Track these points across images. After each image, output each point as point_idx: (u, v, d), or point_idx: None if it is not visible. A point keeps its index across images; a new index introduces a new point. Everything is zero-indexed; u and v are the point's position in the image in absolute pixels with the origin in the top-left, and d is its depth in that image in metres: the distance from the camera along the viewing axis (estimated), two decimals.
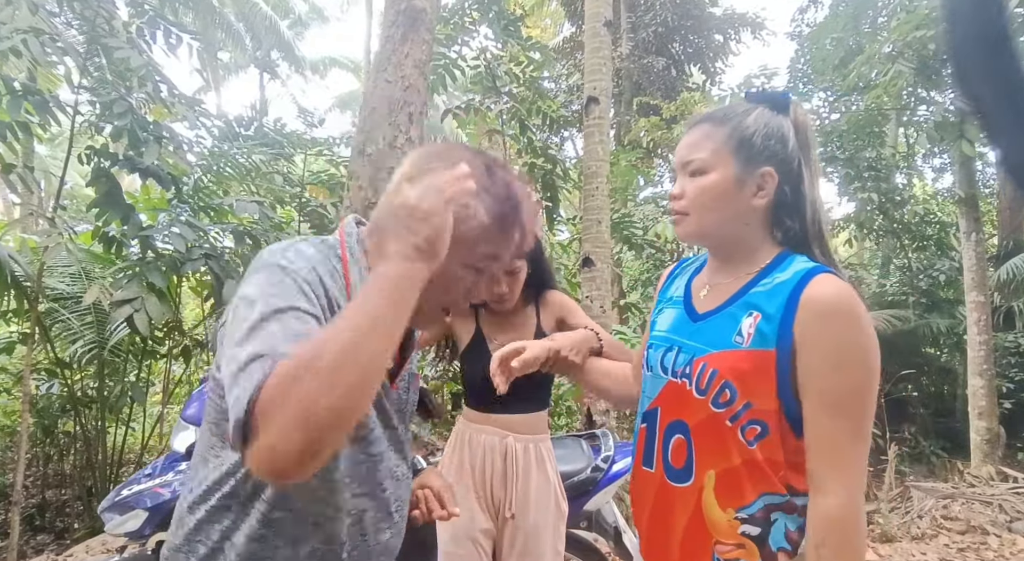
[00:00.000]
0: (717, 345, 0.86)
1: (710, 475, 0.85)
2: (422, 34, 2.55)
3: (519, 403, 1.51)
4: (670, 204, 0.94)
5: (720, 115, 0.90)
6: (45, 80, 4.50)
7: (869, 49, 5.66)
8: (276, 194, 4.29)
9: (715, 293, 0.92)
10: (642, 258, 6.74)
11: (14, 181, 2.89)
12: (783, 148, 0.87)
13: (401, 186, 0.76)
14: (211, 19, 11.71)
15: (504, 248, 0.81)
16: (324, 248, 0.78)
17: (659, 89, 9.24)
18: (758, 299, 0.85)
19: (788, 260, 0.87)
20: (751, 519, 0.82)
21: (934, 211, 7.94)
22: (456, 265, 0.77)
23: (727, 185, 0.87)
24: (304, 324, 0.65)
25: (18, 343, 3.59)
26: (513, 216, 0.79)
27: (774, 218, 0.89)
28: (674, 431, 0.90)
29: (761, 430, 0.81)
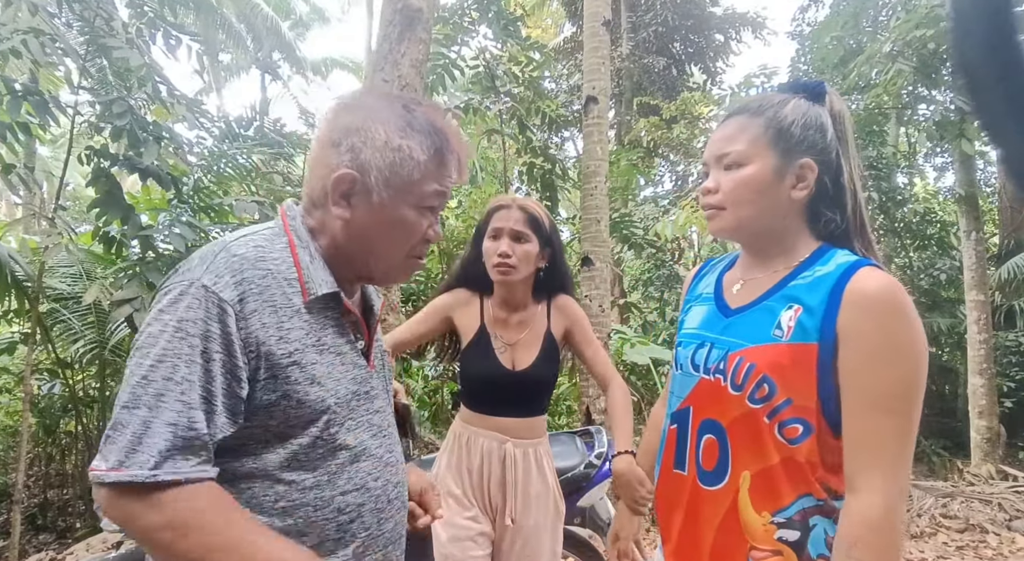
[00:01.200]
0: (754, 339, 0.82)
1: (745, 476, 0.81)
2: (419, 34, 2.56)
3: (519, 406, 1.47)
4: (702, 199, 0.91)
5: (755, 106, 0.87)
6: (47, 81, 4.53)
7: (869, 48, 5.65)
8: (276, 194, 4.30)
9: (749, 288, 0.89)
10: (642, 258, 6.74)
11: (15, 182, 2.90)
12: (822, 138, 0.84)
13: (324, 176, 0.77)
14: (212, 20, 11.73)
15: (446, 179, 0.81)
16: (261, 239, 0.76)
17: (659, 89, 9.23)
18: (798, 292, 0.81)
19: (829, 253, 0.83)
20: (788, 523, 0.78)
21: (935, 210, 7.92)
22: (407, 210, 0.79)
23: (766, 177, 0.83)
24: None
25: (19, 343, 3.60)
26: (444, 146, 0.79)
27: (813, 211, 0.85)
28: (706, 431, 0.86)
29: (804, 429, 0.77)
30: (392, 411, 0.93)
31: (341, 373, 0.78)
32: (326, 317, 0.78)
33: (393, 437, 0.89)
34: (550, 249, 1.49)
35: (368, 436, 0.82)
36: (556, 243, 1.51)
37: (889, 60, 5.13)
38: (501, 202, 1.49)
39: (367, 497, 0.80)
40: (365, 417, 0.82)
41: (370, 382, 0.84)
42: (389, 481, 0.84)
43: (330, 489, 0.76)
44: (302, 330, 0.74)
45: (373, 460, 0.82)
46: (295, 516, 0.73)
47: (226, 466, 0.70)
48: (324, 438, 0.75)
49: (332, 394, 0.76)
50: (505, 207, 1.46)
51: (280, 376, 0.71)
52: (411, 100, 0.81)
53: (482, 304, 1.54)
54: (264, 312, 0.71)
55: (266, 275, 0.73)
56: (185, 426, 0.64)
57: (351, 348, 0.82)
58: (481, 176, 9.08)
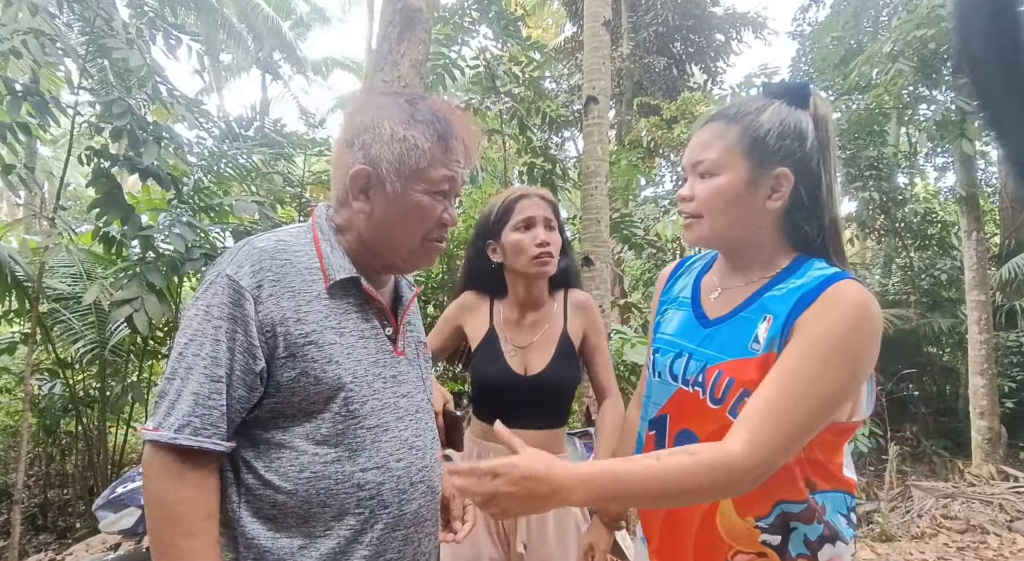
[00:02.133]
0: (732, 352, 0.81)
1: None
2: (419, 34, 2.56)
3: (533, 416, 1.34)
4: (679, 206, 0.90)
5: (732, 112, 0.85)
6: (48, 81, 4.53)
7: (870, 48, 5.64)
8: (276, 194, 4.30)
9: (727, 297, 0.88)
10: (642, 258, 6.74)
11: (15, 182, 2.90)
12: (800, 146, 0.81)
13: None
14: (213, 20, 11.74)
15: (453, 163, 0.85)
16: (286, 234, 0.86)
17: (660, 89, 9.23)
18: (772, 303, 0.81)
19: (806, 265, 0.82)
20: (771, 528, 0.80)
21: (936, 210, 7.91)
22: (420, 195, 0.83)
23: (738, 188, 0.81)
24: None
25: (20, 343, 3.61)
26: (448, 132, 0.83)
27: (790, 220, 0.84)
28: (683, 441, 0.86)
29: None
30: (427, 401, 0.95)
31: (362, 354, 0.84)
32: (348, 303, 0.85)
33: (424, 423, 0.91)
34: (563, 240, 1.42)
35: (393, 418, 0.86)
36: (566, 235, 1.45)
37: (890, 60, 5.12)
38: (522, 192, 1.39)
39: (387, 476, 0.83)
40: (391, 400, 0.86)
41: (397, 367, 0.89)
42: (413, 464, 0.86)
43: (350, 464, 0.81)
44: (321, 313, 0.81)
45: (396, 441, 0.85)
46: (317, 487, 0.79)
47: (258, 436, 0.80)
48: (343, 414, 0.81)
49: (349, 373, 0.81)
50: (527, 196, 1.37)
51: (298, 354, 0.79)
52: (416, 95, 0.86)
53: (492, 306, 1.44)
54: (282, 297, 0.79)
55: (284, 264, 0.81)
56: (206, 396, 0.75)
57: (376, 333, 0.87)
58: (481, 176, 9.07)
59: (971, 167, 5.96)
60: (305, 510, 0.79)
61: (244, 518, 0.79)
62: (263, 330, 0.78)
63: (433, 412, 0.98)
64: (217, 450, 0.75)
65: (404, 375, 0.89)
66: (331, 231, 0.87)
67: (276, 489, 0.78)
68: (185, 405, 0.74)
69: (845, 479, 0.83)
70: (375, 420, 0.83)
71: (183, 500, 0.73)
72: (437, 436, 0.96)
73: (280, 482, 0.78)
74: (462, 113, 0.89)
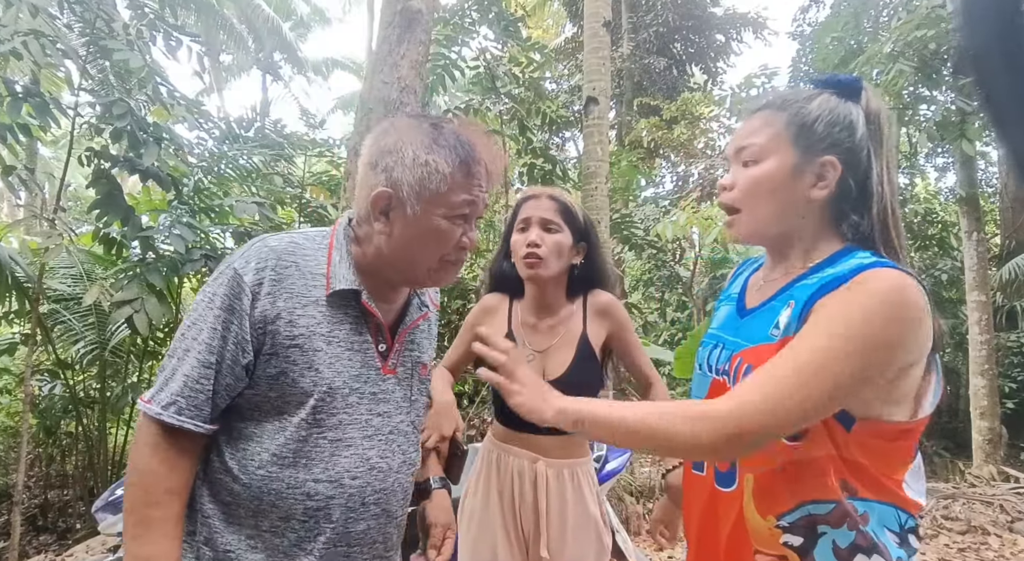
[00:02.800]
0: (754, 339, 0.80)
1: (748, 479, 0.79)
2: (419, 35, 2.56)
3: None
4: (718, 196, 0.88)
5: (780, 100, 0.83)
6: (48, 82, 4.53)
7: (870, 48, 5.65)
8: (276, 195, 4.30)
9: (766, 289, 0.87)
10: (642, 258, 6.73)
11: (15, 183, 2.91)
12: (849, 137, 0.79)
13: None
14: (213, 21, 11.75)
15: (475, 188, 0.85)
16: (303, 238, 0.88)
17: (660, 89, 9.24)
18: (799, 290, 0.78)
19: (849, 255, 0.78)
20: (792, 528, 0.76)
21: (936, 210, 7.91)
22: (439, 220, 0.84)
23: (783, 174, 0.80)
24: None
25: (20, 344, 3.61)
26: (470, 156, 0.84)
27: (836, 211, 0.81)
28: None
29: None
30: (409, 424, 0.94)
31: (344, 366, 0.84)
32: (345, 314, 0.86)
33: (396, 446, 0.90)
34: (586, 244, 1.36)
35: (360, 435, 0.86)
36: (593, 237, 1.37)
37: (890, 60, 5.12)
38: (530, 192, 1.38)
39: (339, 491, 0.83)
40: (364, 417, 0.86)
41: (381, 385, 0.89)
42: (370, 484, 0.86)
43: (304, 473, 0.82)
44: (314, 319, 0.83)
45: (357, 459, 0.85)
46: (269, 487, 0.81)
47: (234, 424, 0.83)
48: (308, 422, 0.82)
49: (325, 382, 0.82)
50: (535, 197, 1.35)
51: (281, 354, 0.81)
52: (441, 119, 0.88)
53: (511, 308, 1.41)
54: (280, 296, 0.82)
55: (290, 266, 0.84)
56: (195, 379, 0.79)
57: (366, 348, 0.87)
58: None
59: (971, 167, 5.96)
60: (255, 506, 0.81)
61: (204, 497, 0.83)
62: (255, 325, 0.80)
63: (417, 436, 0.97)
64: (197, 431, 0.79)
65: (387, 394, 0.89)
66: (347, 241, 0.89)
67: (234, 478, 0.81)
68: (176, 385, 0.79)
69: (902, 495, 0.77)
70: (339, 434, 0.84)
71: (153, 471, 0.78)
72: (412, 461, 0.94)
73: (238, 472, 0.81)
74: (487, 137, 0.90)
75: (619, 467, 1.85)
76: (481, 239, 5.21)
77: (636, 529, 3.14)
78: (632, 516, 3.20)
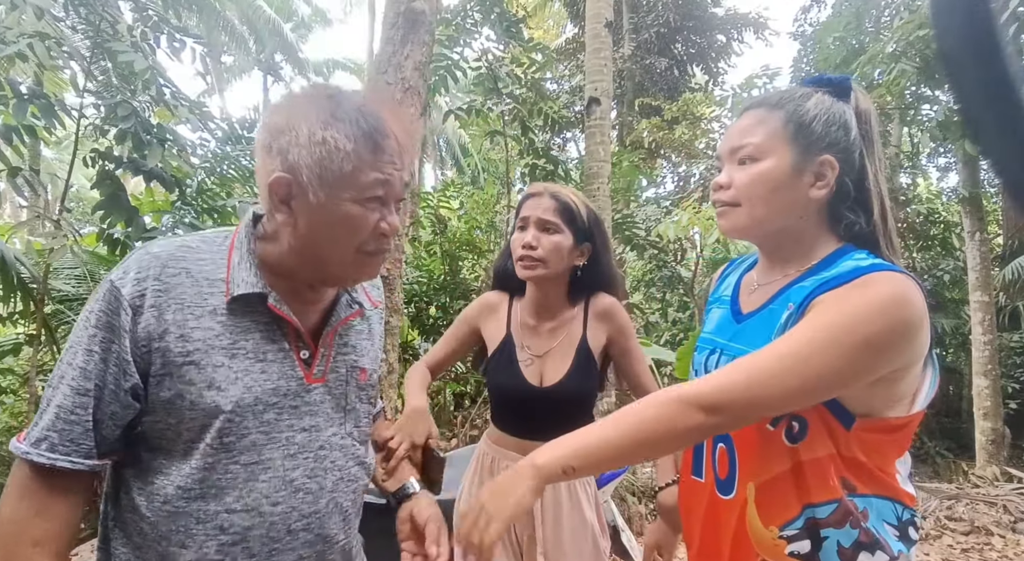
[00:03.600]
0: (757, 345, 0.77)
1: (750, 488, 0.78)
2: (422, 36, 2.57)
3: (547, 428, 1.25)
4: (713, 194, 0.86)
5: (775, 99, 0.82)
6: (52, 84, 4.54)
7: (872, 48, 5.64)
8: None
9: (762, 292, 0.86)
10: (644, 259, 6.73)
11: (20, 184, 2.92)
12: (845, 136, 0.79)
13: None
14: (215, 22, 11.79)
15: (388, 166, 0.73)
16: (198, 240, 0.79)
17: (661, 90, 9.25)
18: (797, 292, 0.77)
19: (845, 256, 0.78)
20: (797, 536, 0.74)
21: (938, 211, 7.90)
22: (349, 205, 0.72)
23: (783, 173, 0.78)
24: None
25: (24, 344, 3.62)
26: (375, 129, 0.72)
27: (834, 212, 0.81)
28: (718, 440, 0.84)
29: (799, 427, 0.73)
30: (348, 437, 0.83)
31: (254, 381, 0.73)
32: (253, 321, 0.75)
33: (331, 463, 0.80)
34: (590, 245, 1.29)
35: (281, 455, 0.75)
36: (598, 238, 1.30)
37: (892, 60, 5.13)
38: (532, 190, 1.31)
39: (258, 521, 0.73)
40: (284, 434, 0.76)
41: (306, 396, 0.78)
42: (296, 509, 0.75)
43: (216, 504, 0.71)
44: (212, 331, 0.72)
45: (277, 482, 0.74)
46: (177, 523, 0.71)
47: (140, 455, 0.74)
48: (215, 447, 0.71)
49: (231, 400, 0.72)
50: (536, 195, 1.28)
51: (175, 374, 0.70)
52: (339, 89, 0.75)
53: (510, 308, 1.36)
54: (167, 309, 0.71)
55: (178, 273, 0.73)
56: (69, 409, 0.68)
57: (284, 357, 0.76)
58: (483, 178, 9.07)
59: (974, 167, 5.95)
60: (163, 546, 0.71)
61: (117, 540, 0.74)
62: (139, 343, 0.70)
63: (360, 449, 0.86)
64: (75, 469, 0.68)
65: (314, 405, 0.78)
66: (249, 239, 0.77)
67: (141, 516, 0.72)
68: (47, 418, 0.68)
69: (898, 488, 0.77)
70: (254, 456, 0.73)
71: (16, 520, 0.67)
72: (353, 476, 0.83)
73: (145, 510, 0.71)
74: (394, 106, 0.79)
75: (623, 468, 1.85)
76: (482, 239, 5.22)
77: (638, 529, 3.14)
78: (634, 516, 3.20)
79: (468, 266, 5.03)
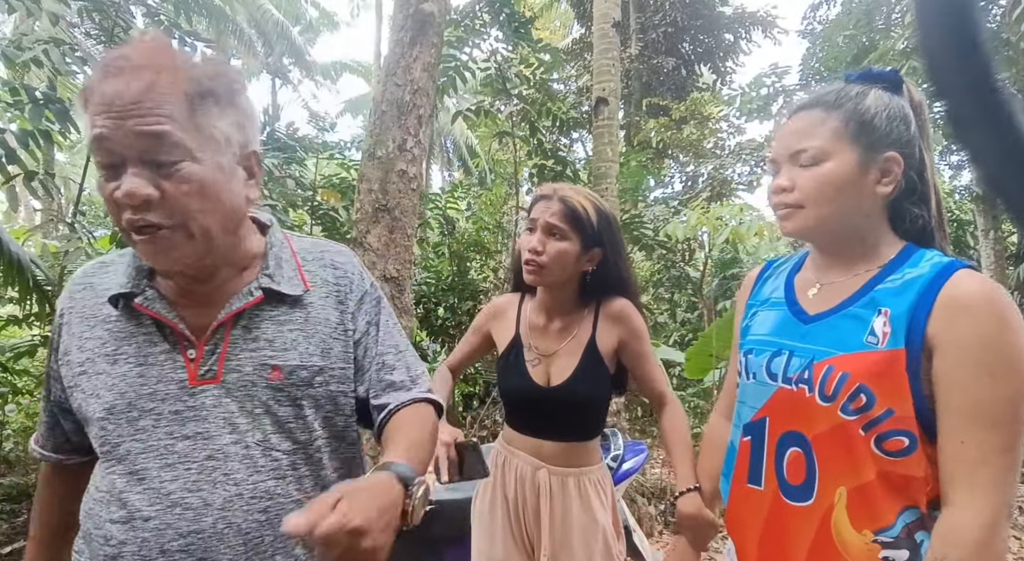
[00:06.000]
0: (844, 347, 0.77)
1: (841, 492, 0.75)
2: (431, 38, 2.57)
3: (555, 429, 1.27)
4: (773, 198, 0.84)
5: (831, 98, 0.81)
6: (65, 89, 4.60)
7: (883, 45, 5.60)
8: (288, 198, 4.34)
9: (829, 292, 0.83)
10: (652, 259, 6.71)
11: (35, 188, 2.96)
12: (907, 131, 0.79)
13: None
14: (224, 26, 11.89)
15: (99, 116, 0.60)
16: (117, 254, 0.80)
17: (669, 89, 9.22)
18: (887, 296, 0.76)
19: (918, 254, 0.78)
20: (895, 542, 0.72)
21: (951, 209, 7.82)
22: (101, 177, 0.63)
23: (849, 173, 0.78)
24: None
25: (40, 346, 3.67)
26: (96, 74, 0.61)
27: (897, 208, 0.80)
28: (788, 444, 0.80)
29: (909, 443, 0.71)
30: (249, 444, 0.71)
31: (130, 386, 0.69)
32: (138, 325, 0.71)
33: (224, 474, 0.69)
34: (600, 250, 1.26)
35: (158, 464, 0.68)
36: (610, 242, 1.26)
37: (903, 57, 5.09)
38: (542, 191, 1.29)
39: (131, 536, 0.66)
40: (163, 442, 0.68)
41: (190, 401, 0.69)
42: (171, 526, 0.66)
43: (105, 512, 0.69)
44: (101, 339, 0.71)
45: (152, 495, 0.67)
46: (85, 529, 0.73)
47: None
48: (102, 456, 0.71)
49: (104, 407, 0.69)
50: (545, 198, 1.26)
51: (74, 386, 0.73)
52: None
53: (520, 308, 1.36)
54: (73, 322, 0.75)
55: (86, 287, 0.76)
56: (43, 414, 0.83)
57: (167, 358, 0.70)
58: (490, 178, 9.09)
59: None
60: (86, 553, 0.73)
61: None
62: (58, 359, 0.76)
63: (273, 460, 0.72)
64: (48, 459, 0.85)
65: (199, 410, 0.69)
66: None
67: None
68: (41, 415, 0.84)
69: None
70: (129, 466, 0.68)
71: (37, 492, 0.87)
72: (259, 493, 0.70)
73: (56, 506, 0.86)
74: (152, 41, 0.65)
75: (635, 467, 1.85)
76: (490, 240, 5.22)
77: (648, 530, 3.12)
78: (644, 517, 3.19)
79: (476, 267, 5.04)
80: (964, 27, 0.30)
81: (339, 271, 0.82)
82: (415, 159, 2.57)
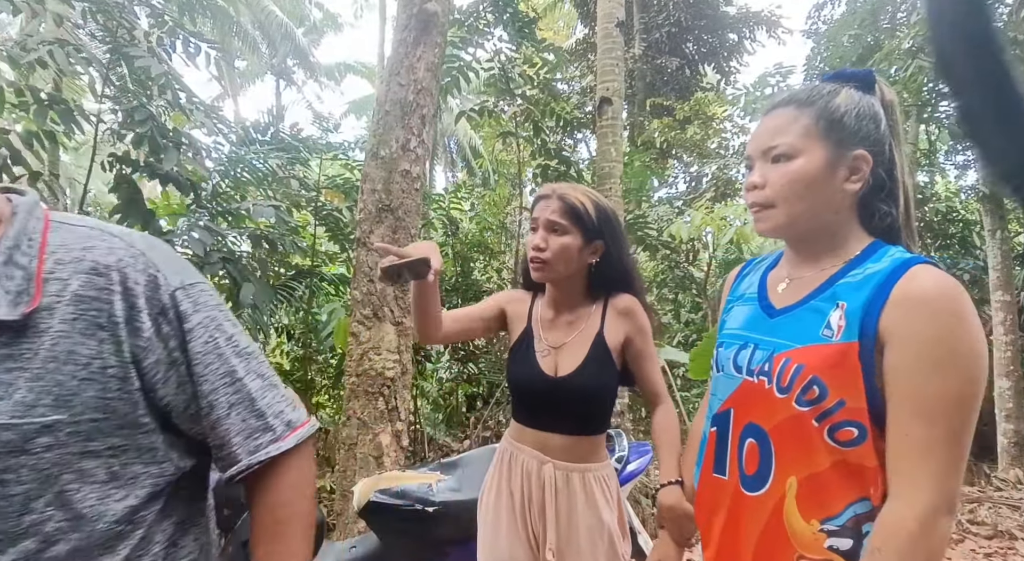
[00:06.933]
0: (801, 339, 0.79)
1: (791, 482, 0.77)
2: (434, 38, 2.57)
3: (561, 420, 1.29)
4: (746, 195, 0.86)
5: (804, 96, 0.83)
6: (71, 90, 4.63)
7: (888, 45, 5.56)
8: (292, 198, 4.35)
9: (796, 287, 0.85)
10: (656, 259, 6.69)
11: (40, 189, 2.97)
12: (876, 129, 0.81)
13: None
14: (228, 28, 11.93)
15: None
16: None
17: (673, 89, 9.19)
18: (847, 290, 0.78)
19: (883, 250, 0.80)
20: (840, 531, 0.74)
21: (957, 209, 7.76)
22: None
23: (818, 170, 0.80)
24: None
25: None
26: None
27: (867, 205, 0.82)
28: (748, 435, 0.83)
29: (859, 433, 0.73)
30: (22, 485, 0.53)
31: None
32: None
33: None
34: (602, 242, 1.30)
35: None
36: (611, 235, 1.30)
37: (909, 56, 5.05)
38: (542, 191, 1.34)
39: None
40: None
41: None
42: None
43: None
44: None
45: None
46: None
47: None
48: None
49: None
50: (545, 197, 1.31)
51: None
52: None
53: (532, 302, 1.41)
54: None
55: None
56: None
57: None
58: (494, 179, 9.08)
59: None
60: None
61: None
62: None
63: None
64: None
65: None
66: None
67: None
68: None
69: None
70: None
71: None
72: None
73: None
74: None
75: (640, 468, 1.83)
76: (494, 240, 5.21)
77: (652, 532, 3.11)
78: (648, 518, 3.18)
79: (480, 267, 5.03)
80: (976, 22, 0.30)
81: (104, 278, 0.57)
82: (418, 159, 2.56)
